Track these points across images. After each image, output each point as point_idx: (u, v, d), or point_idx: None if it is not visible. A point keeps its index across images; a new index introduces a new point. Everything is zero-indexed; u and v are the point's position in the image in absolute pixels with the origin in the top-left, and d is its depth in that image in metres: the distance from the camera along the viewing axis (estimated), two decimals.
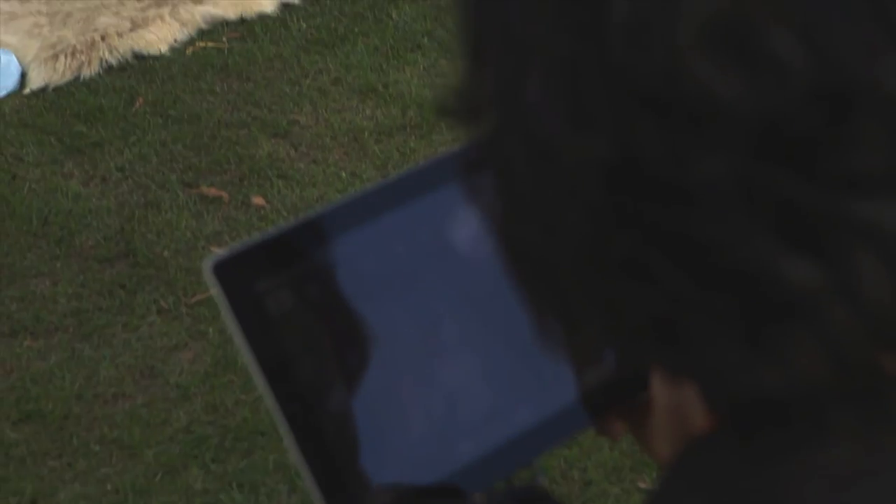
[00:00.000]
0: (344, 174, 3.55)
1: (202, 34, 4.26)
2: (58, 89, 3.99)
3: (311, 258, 0.69)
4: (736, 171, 0.43)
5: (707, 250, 0.45)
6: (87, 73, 4.05)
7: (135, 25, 4.24)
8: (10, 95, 3.96)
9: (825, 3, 0.42)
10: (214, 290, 0.67)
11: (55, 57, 4.09)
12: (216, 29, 4.29)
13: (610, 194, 0.46)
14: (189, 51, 4.18)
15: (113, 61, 4.10)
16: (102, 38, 4.17)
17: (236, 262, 0.67)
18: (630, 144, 0.45)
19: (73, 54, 4.10)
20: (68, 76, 4.04)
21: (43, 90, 3.99)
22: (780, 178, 0.43)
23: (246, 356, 0.67)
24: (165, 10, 4.32)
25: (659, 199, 0.45)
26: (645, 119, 0.44)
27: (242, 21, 4.31)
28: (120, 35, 4.19)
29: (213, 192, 3.49)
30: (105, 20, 4.27)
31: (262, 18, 4.32)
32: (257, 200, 3.45)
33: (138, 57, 4.13)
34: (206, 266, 0.66)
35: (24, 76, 4.05)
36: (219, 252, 0.68)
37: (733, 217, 0.44)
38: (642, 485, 2.56)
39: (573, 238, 0.48)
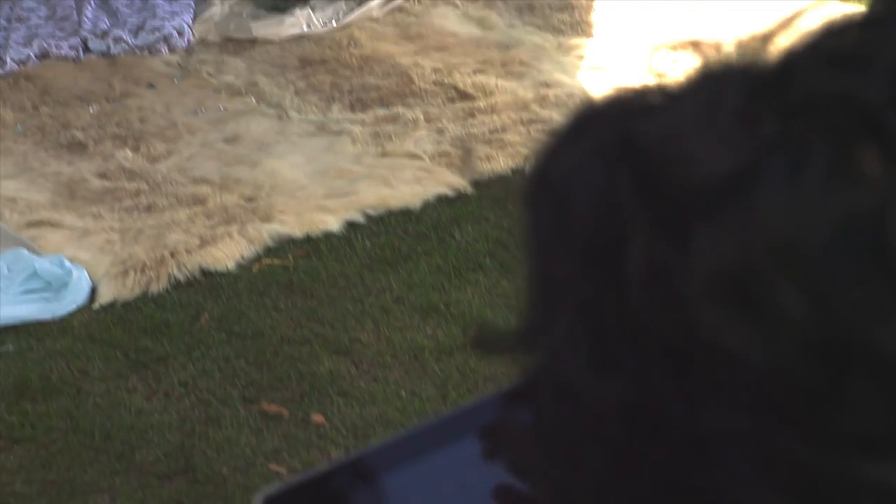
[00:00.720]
0: (404, 393, 3.55)
1: (268, 251, 4.33)
2: (126, 304, 4.06)
3: (357, 496, 0.70)
4: (742, 423, 0.43)
5: (713, 500, 0.45)
6: (155, 288, 4.13)
7: (203, 242, 4.33)
8: (79, 310, 4.04)
9: (831, 259, 0.42)
10: None
11: (125, 272, 4.18)
12: (282, 246, 4.36)
13: (627, 436, 0.46)
14: (255, 268, 4.25)
15: (181, 277, 4.18)
16: (172, 255, 4.26)
17: (285, 498, 0.68)
18: (647, 389, 0.45)
19: (142, 270, 4.19)
20: (137, 291, 4.12)
21: (112, 305, 4.06)
22: (785, 435, 0.43)
23: None
24: (234, 228, 4.41)
25: (672, 443, 0.45)
26: (661, 366, 0.45)
27: (308, 239, 4.39)
28: (189, 252, 4.28)
29: (273, 408, 3.51)
30: (175, 237, 4.37)
31: (328, 237, 4.40)
32: (317, 418, 3.46)
33: (206, 273, 4.20)
34: (256, 502, 0.67)
35: (94, 291, 4.14)
36: (268, 487, 0.69)
37: (740, 469, 0.44)
38: None
39: (594, 478, 0.48)
